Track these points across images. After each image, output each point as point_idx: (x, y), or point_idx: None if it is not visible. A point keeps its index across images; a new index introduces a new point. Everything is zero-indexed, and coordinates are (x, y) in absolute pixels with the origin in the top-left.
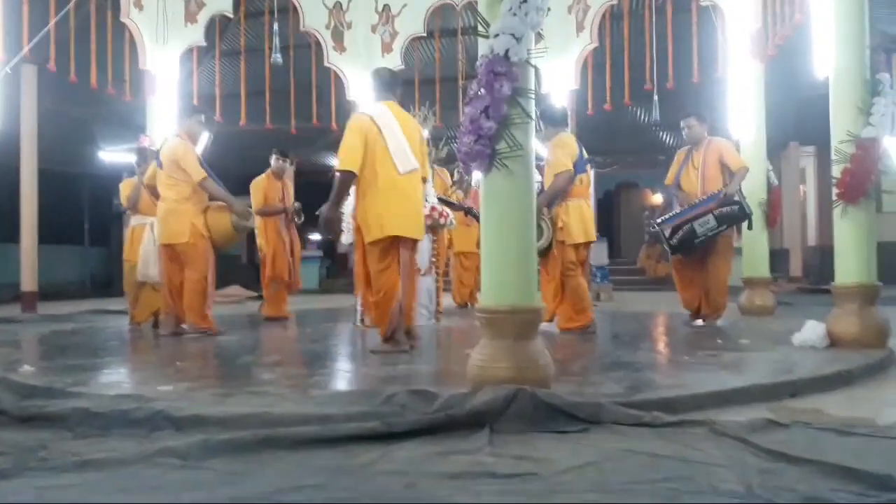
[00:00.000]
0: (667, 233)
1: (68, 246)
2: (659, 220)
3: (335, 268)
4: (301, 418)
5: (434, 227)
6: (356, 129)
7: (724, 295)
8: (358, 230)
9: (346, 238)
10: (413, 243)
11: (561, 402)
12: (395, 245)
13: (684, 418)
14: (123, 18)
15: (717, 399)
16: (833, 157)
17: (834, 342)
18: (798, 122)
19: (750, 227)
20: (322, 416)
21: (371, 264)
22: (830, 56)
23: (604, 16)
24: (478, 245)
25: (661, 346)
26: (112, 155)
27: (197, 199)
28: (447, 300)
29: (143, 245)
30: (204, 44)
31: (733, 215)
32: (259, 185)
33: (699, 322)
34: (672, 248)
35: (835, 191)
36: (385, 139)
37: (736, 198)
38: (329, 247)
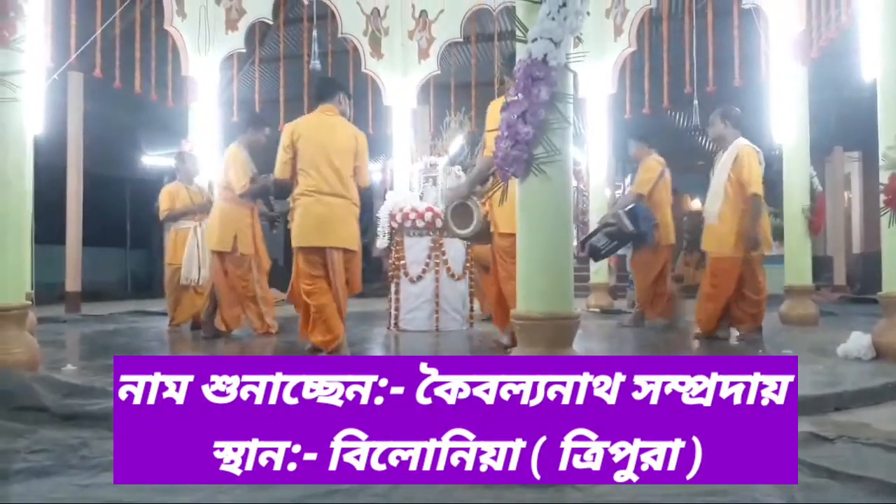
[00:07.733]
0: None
1: (111, 248)
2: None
3: (370, 271)
4: None
5: None
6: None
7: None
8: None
9: (381, 242)
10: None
11: None
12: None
13: None
14: (167, 26)
15: None
16: (881, 162)
17: (881, 354)
18: (842, 125)
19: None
20: None
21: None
22: (878, 57)
23: (642, 19)
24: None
25: (700, 353)
26: (154, 159)
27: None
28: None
29: (188, 248)
30: (244, 50)
31: (619, 233)
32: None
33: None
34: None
35: (882, 197)
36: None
37: (616, 217)
38: (365, 251)
